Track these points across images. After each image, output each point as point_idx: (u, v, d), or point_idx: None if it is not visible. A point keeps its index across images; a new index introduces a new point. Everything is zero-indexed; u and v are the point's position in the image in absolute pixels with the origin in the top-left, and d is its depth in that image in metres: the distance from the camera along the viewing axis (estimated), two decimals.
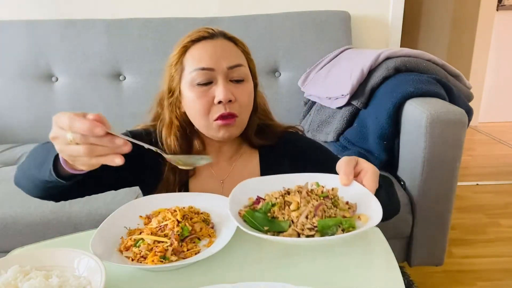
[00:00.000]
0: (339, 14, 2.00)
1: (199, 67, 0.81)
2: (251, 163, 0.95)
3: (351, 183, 0.69)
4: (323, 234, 0.61)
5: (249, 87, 0.85)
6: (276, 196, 0.67)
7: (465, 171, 2.76)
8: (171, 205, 0.76)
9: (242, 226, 0.61)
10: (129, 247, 0.67)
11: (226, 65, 0.81)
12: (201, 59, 0.81)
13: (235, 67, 0.82)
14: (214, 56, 0.81)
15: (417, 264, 1.42)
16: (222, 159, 0.94)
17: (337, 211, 0.64)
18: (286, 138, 0.96)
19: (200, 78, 0.81)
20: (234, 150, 0.95)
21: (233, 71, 0.82)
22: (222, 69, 0.81)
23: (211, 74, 0.81)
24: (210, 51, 0.82)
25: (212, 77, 0.81)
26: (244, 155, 0.95)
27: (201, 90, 0.81)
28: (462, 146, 1.25)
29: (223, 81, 0.80)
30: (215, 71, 0.81)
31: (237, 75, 0.82)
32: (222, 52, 0.82)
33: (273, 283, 0.57)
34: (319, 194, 0.67)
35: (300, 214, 0.63)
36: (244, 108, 0.84)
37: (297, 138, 1.00)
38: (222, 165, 0.94)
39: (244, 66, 0.85)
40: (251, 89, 0.86)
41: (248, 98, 0.85)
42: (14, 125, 1.92)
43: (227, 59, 0.81)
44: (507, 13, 3.81)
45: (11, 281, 0.57)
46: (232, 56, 0.83)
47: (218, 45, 0.83)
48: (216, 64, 0.80)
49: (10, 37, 1.91)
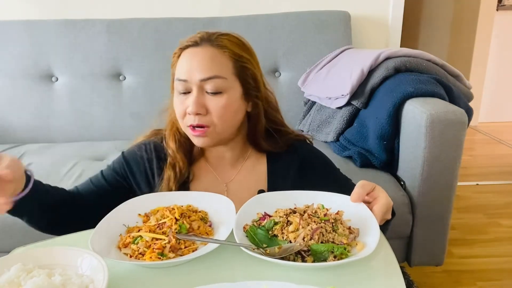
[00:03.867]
0: (339, 14, 2.00)
1: (178, 77, 0.84)
2: (258, 168, 0.94)
3: (359, 202, 0.73)
4: (316, 257, 0.63)
5: (226, 100, 0.82)
6: (281, 215, 0.69)
7: (465, 171, 2.76)
8: (169, 204, 0.76)
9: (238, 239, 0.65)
10: (127, 244, 0.68)
11: (199, 78, 0.81)
12: (180, 70, 0.84)
13: (208, 80, 0.81)
14: (189, 68, 0.82)
15: (417, 264, 1.42)
16: (225, 163, 0.94)
17: (335, 236, 0.66)
18: (296, 147, 0.96)
19: (179, 87, 0.84)
20: (238, 154, 0.94)
21: (206, 83, 0.81)
22: (195, 81, 0.81)
23: (187, 85, 0.82)
24: (188, 62, 0.83)
25: (189, 87, 0.83)
26: (251, 159, 0.95)
27: (180, 98, 0.84)
28: (462, 146, 1.25)
29: (196, 93, 0.82)
30: (189, 83, 0.82)
31: (212, 88, 0.81)
32: (199, 63, 0.82)
33: (275, 282, 0.57)
34: (320, 217, 0.69)
35: (297, 236, 0.65)
36: (217, 121, 0.83)
37: (308, 149, 0.99)
38: (226, 169, 0.94)
39: (223, 78, 0.82)
40: (230, 102, 0.83)
41: (222, 112, 0.82)
42: (14, 125, 1.91)
43: (201, 71, 0.81)
44: (507, 13, 3.81)
45: (14, 279, 0.57)
46: (208, 68, 0.81)
47: (198, 55, 0.83)
48: (189, 76, 0.82)
49: (10, 37, 1.91)
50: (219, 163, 0.94)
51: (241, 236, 0.66)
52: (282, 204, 0.74)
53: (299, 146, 0.97)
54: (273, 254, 0.62)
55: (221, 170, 0.94)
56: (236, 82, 0.85)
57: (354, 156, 1.48)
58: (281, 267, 0.63)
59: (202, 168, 0.94)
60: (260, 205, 0.75)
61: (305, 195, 0.78)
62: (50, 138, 1.91)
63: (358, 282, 0.61)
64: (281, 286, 0.56)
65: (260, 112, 0.90)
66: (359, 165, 1.46)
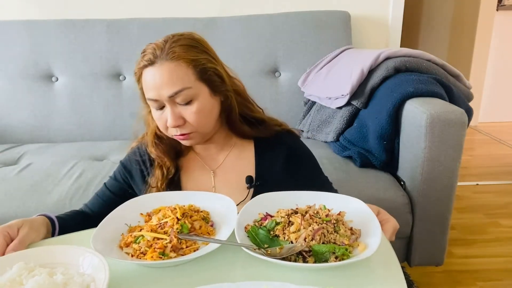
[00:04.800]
0: (339, 14, 2.00)
1: (148, 97, 0.86)
2: (245, 154, 0.97)
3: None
4: (317, 258, 0.63)
5: (198, 105, 0.85)
6: (283, 215, 0.69)
7: (465, 171, 2.76)
8: (171, 203, 0.76)
9: (239, 240, 0.65)
10: (129, 243, 0.68)
11: (166, 95, 0.83)
12: (147, 90, 0.85)
13: (175, 95, 0.83)
14: (154, 88, 0.83)
15: (417, 264, 1.42)
16: (212, 152, 0.97)
17: (337, 237, 0.66)
18: (283, 136, 0.98)
19: (152, 105, 0.87)
20: (223, 142, 0.97)
21: (175, 97, 0.83)
22: (164, 98, 0.83)
23: (159, 102, 0.85)
24: (152, 83, 0.84)
25: (161, 103, 0.85)
26: (237, 147, 0.98)
27: (157, 113, 0.87)
28: (462, 146, 1.25)
29: (170, 108, 0.84)
30: (160, 101, 0.84)
31: (182, 100, 0.83)
32: (161, 81, 0.82)
33: (276, 282, 0.57)
34: (322, 218, 0.69)
35: (299, 236, 0.65)
36: (197, 126, 0.86)
37: (295, 141, 1.01)
38: (213, 156, 0.97)
39: (188, 87, 0.83)
40: (202, 106, 0.85)
41: (198, 117, 0.85)
42: (14, 125, 1.92)
43: (166, 88, 0.82)
44: (507, 13, 3.81)
45: (16, 277, 0.58)
46: (171, 83, 0.82)
47: (157, 73, 0.83)
48: (158, 95, 0.83)
49: (10, 37, 1.91)
50: (207, 153, 0.97)
51: (242, 236, 0.67)
52: (284, 205, 0.74)
53: (287, 136, 0.99)
54: (274, 254, 0.62)
55: (208, 159, 0.97)
56: (201, 84, 0.85)
57: (354, 156, 1.48)
58: (282, 268, 0.63)
59: (191, 160, 0.98)
60: (262, 206, 0.75)
61: (307, 196, 0.78)
62: (50, 138, 1.91)
63: (359, 283, 0.61)
64: (282, 286, 0.56)
65: (232, 101, 0.92)
66: (359, 165, 1.46)
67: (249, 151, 0.97)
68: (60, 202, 1.31)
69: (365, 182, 1.38)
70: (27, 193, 1.34)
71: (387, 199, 1.33)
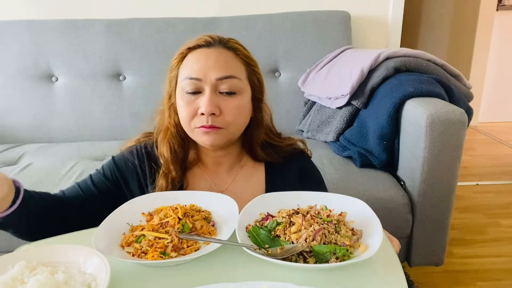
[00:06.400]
0: (339, 14, 2.00)
1: (188, 76, 0.80)
2: (255, 176, 0.93)
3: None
4: (318, 258, 0.63)
5: (240, 101, 0.82)
6: (284, 215, 0.69)
7: (465, 171, 2.76)
8: (173, 203, 0.77)
9: (240, 240, 0.64)
10: (130, 242, 0.68)
11: (214, 76, 0.79)
12: (192, 69, 0.81)
13: (224, 79, 0.79)
14: (204, 66, 0.80)
15: (417, 264, 1.42)
16: (221, 170, 0.92)
17: (338, 238, 0.66)
18: (295, 162, 0.94)
19: (188, 87, 0.80)
20: (234, 161, 0.93)
21: (222, 82, 0.80)
22: (210, 80, 0.79)
23: (199, 84, 0.80)
24: (202, 61, 0.81)
25: (200, 87, 0.80)
26: (247, 167, 0.93)
27: (189, 98, 0.81)
28: (462, 146, 1.25)
29: (209, 93, 0.79)
30: (203, 82, 0.79)
31: (227, 87, 0.80)
32: (215, 62, 0.80)
33: (277, 282, 0.57)
34: (324, 218, 0.69)
35: (300, 236, 0.65)
36: (231, 122, 0.81)
37: (305, 164, 0.97)
38: (222, 176, 0.92)
39: (238, 78, 0.81)
40: (243, 103, 0.83)
41: (236, 112, 0.81)
42: (14, 125, 1.92)
43: (217, 70, 0.79)
44: (507, 13, 3.81)
45: (18, 276, 0.58)
46: (225, 67, 0.80)
47: (212, 54, 0.81)
48: (204, 75, 0.79)
49: (10, 37, 1.91)
50: (216, 169, 0.92)
51: (243, 236, 0.66)
52: (285, 205, 0.74)
53: (298, 159, 0.95)
54: (275, 254, 0.62)
55: (216, 177, 0.91)
56: (247, 85, 0.84)
57: (354, 156, 1.48)
58: (283, 268, 0.63)
59: (197, 176, 0.91)
60: (263, 206, 0.75)
61: (308, 196, 0.78)
62: (50, 138, 1.92)
63: (360, 284, 0.61)
64: (283, 286, 0.56)
65: (263, 116, 0.89)
66: (359, 165, 1.46)
67: (259, 175, 0.92)
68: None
69: (365, 182, 1.38)
70: None
71: (387, 199, 1.33)
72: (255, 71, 0.86)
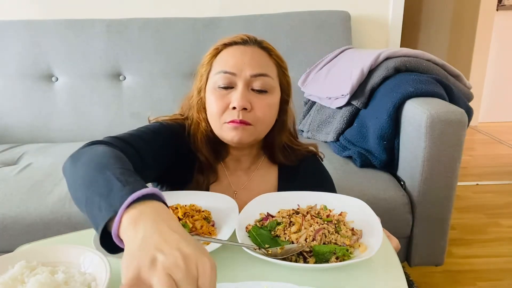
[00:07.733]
0: (339, 14, 2.00)
1: (222, 70, 0.81)
2: (269, 177, 0.94)
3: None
4: (318, 258, 0.63)
5: (271, 99, 0.83)
6: (284, 215, 0.69)
7: (465, 171, 2.76)
8: (173, 203, 0.76)
9: (240, 239, 0.64)
10: None
11: (249, 73, 0.80)
12: (227, 63, 0.82)
13: (258, 76, 0.80)
14: (240, 62, 0.81)
15: (417, 264, 1.42)
16: (239, 169, 0.93)
17: (338, 237, 0.66)
18: (308, 165, 0.95)
19: (221, 81, 0.81)
20: (252, 161, 0.93)
21: (256, 79, 0.81)
22: (244, 75, 0.80)
23: (233, 79, 0.80)
24: (237, 56, 0.82)
25: (234, 82, 0.81)
26: (263, 168, 0.94)
27: (220, 93, 0.81)
28: (462, 146, 1.25)
29: (242, 88, 0.80)
30: (237, 77, 0.80)
31: (260, 85, 0.81)
32: (250, 59, 0.81)
33: (277, 282, 0.57)
34: (323, 218, 0.69)
35: (300, 236, 0.65)
36: (260, 120, 0.81)
37: (317, 167, 0.98)
38: (239, 175, 0.93)
39: (271, 77, 0.83)
40: (274, 102, 0.84)
41: (266, 110, 0.82)
42: (14, 125, 1.91)
43: (252, 67, 0.80)
44: (507, 13, 3.81)
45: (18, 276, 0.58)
46: (259, 65, 0.81)
47: (248, 52, 0.82)
48: (239, 70, 0.80)
49: (10, 37, 1.91)
50: (235, 167, 0.92)
51: (243, 236, 0.67)
52: (285, 205, 0.74)
53: (310, 161, 0.96)
54: (275, 254, 0.62)
55: (235, 175, 0.92)
56: (278, 85, 0.86)
57: (354, 156, 1.48)
58: (283, 268, 0.63)
59: (219, 172, 0.92)
60: (263, 206, 0.75)
61: (309, 196, 0.78)
62: (50, 138, 1.91)
63: (360, 284, 0.61)
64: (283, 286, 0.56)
65: (287, 119, 0.90)
66: (359, 165, 1.46)
67: (272, 175, 0.94)
68: (60, 202, 1.31)
69: (365, 182, 1.38)
70: (27, 193, 1.34)
71: (387, 199, 1.33)
72: (285, 73, 0.88)
